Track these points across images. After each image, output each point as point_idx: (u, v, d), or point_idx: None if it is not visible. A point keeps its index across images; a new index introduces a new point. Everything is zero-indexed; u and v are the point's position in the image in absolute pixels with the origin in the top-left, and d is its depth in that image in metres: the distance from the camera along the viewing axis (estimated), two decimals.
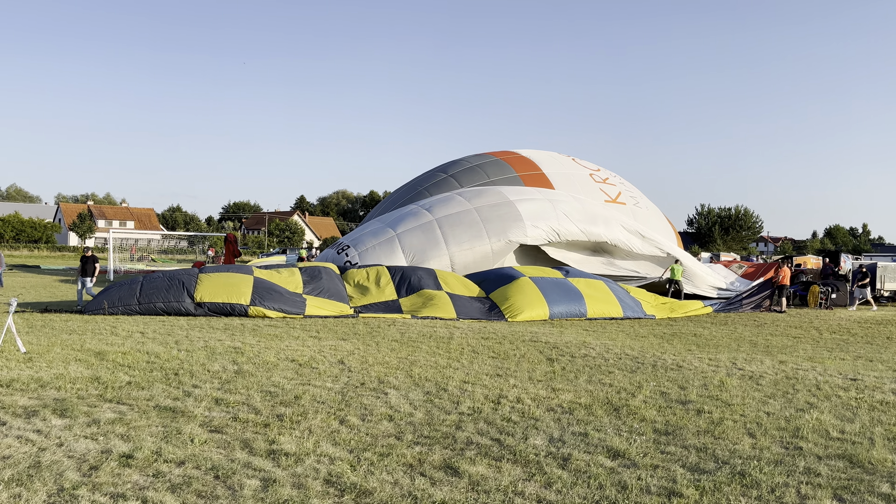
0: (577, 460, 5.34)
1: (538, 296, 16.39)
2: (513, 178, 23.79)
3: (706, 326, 15.76)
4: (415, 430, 6.08)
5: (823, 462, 5.47)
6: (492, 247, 19.67)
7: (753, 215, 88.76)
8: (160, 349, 9.87)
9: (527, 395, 7.60)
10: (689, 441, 5.97)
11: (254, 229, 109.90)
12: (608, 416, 6.78)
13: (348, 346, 10.77)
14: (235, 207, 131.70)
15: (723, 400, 7.61)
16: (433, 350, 10.71)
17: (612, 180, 25.79)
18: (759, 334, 14.50)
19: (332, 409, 6.68)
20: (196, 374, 8.21)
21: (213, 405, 6.70)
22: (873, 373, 9.71)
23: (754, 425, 6.54)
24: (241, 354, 9.66)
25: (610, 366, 9.74)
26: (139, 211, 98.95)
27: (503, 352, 10.75)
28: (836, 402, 7.70)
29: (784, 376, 9.21)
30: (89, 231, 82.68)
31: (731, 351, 11.80)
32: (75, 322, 12.95)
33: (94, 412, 6.24)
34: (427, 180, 24.96)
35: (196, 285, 14.69)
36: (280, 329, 12.66)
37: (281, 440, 5.59)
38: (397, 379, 8.32)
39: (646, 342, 12.67)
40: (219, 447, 5.38)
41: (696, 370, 9.52)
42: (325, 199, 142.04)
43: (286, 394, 7.28)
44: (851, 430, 6.47)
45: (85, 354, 9.27)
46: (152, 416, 6.21)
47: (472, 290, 17.09)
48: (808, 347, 12.62)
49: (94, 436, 5.52)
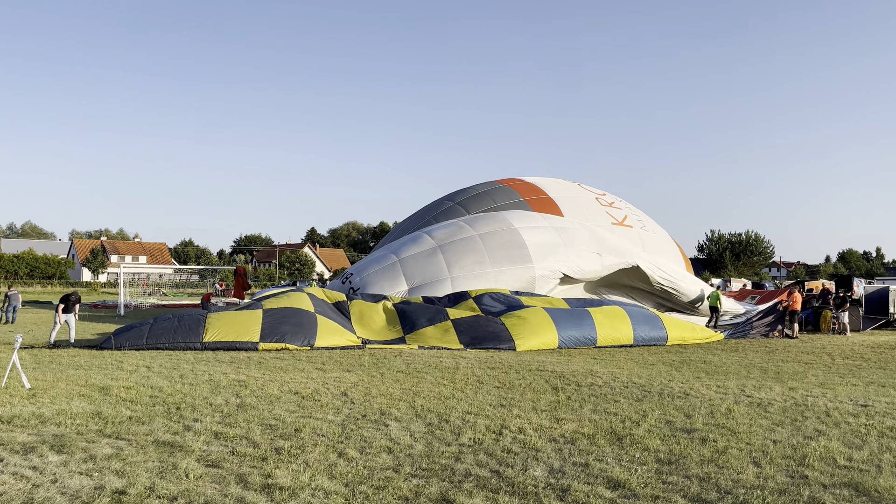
0: (577, 491, 5.25)
1: (548, 321, 16.29)
2: (520, 203, 23.87)
3: (716, 353, 15.58)
4: (413, 462, 6.01)
5: (829, 491, 5.35)
6: (496, 276, 19.62)
7: (765, 240, 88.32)
8: (164, 383, 9.86)
9: (529, 426, 7.51)
10: (692, 470, 5.86)
11: (265, 262, 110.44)
12: (611, 446, 6.68)
13: (352, 378, 10.72)
14: (247, 240, 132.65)
15: (729, 428, 7.49)
16: (438, 380, 10.64)
17: (618, 204, 25.82)
18: (769, 360, 14.31)
19: (332, 442, 6.62)
20: (198, 407, 8.18)
21: (213, 439, 6.67)
22: (885, 398, 9.54)
23: (760, 454, 6.42)
24: (244, 388, 9.64)
25: (616, 394, 9.63)
26: (151, 245, 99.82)
27: (509, 381, 10.66)
28: (845, 428, 7.56)
29: (793, 403, 9.06)
30: (102, 266, 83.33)
31: (741, 378, 11.64)
32: (83, 357, 12.99)
33: (91, 448, 6.22)
34: (435, 209, 25.12)
35: (205, 328, 14.70)
36: (286, 361, 12.63)
37: (277, 474, 5.54)
38: (399, 410, 8.26)
39: (654, 370, 12.53)
40: (213, 482, 5.33)
41: (704, 398, 9.39)
42: (336, 230, 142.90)
43: (286, 427, 7.23)
44: (859, 457, 6.34)
45: (89, 389, 9.27)
46: (150, 450, 6.18)
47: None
48: (819, 373, 12.44)
49: (89, 472, 5.50)
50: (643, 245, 23.53)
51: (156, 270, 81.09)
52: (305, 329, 14.88)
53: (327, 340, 14.79)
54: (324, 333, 14.92)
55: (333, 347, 14.66)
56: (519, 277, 19.74)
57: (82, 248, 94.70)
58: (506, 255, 19.91)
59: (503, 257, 19.87)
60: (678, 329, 17.75)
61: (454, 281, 19.30)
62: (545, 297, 18.50)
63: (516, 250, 20.07)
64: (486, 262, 19.72)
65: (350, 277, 20.47)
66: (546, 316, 16.47)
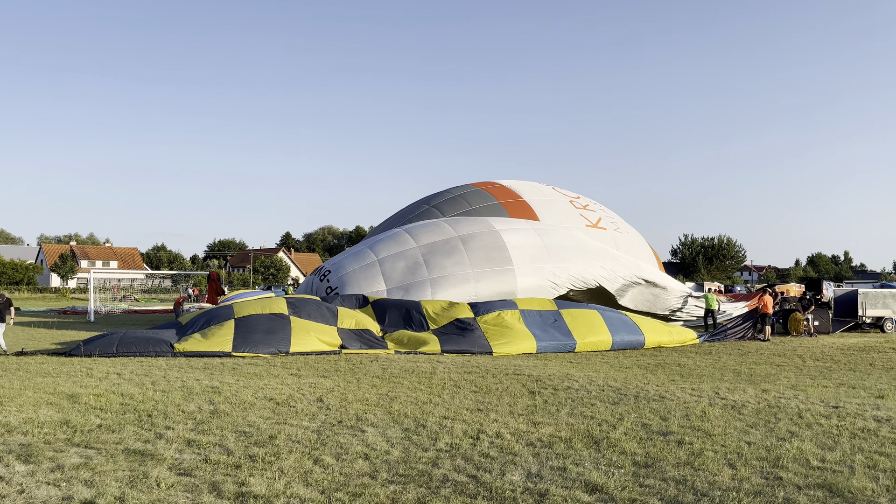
0: (554, 496, 5.24)
1: (524, 329, 16.32)
2: (494, 206, 23.93)
3: (690, 356, 15.72)
4: (390, 468, 5.96)
5: (803, 492, 5.40)
6: (475, 286, 19.53)
7: (737, 245, 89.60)
8: (135, 390, 9.68)
9: (507, 430, 7.49)
10: (668, 473, 5.88)
11: (239, 267, 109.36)
12: (588, 450, 6.68)
13: (328, 384, 10.62)
14: (220, 245, 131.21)
15: (704, 430, 7.54)
16: (415, 385, 10.58)
17: (593, 207, 26.05)
18: (742, 363, 14.47)
19: (307, 449, 6.54)
20: (170, 415, 8.03)
21: (185, 447, 6.55)
22: (855, 400, 9.69)
23: (735, 456, 6.47)
24: (218, 394, 9.49)
25: (592, 398, 9.65)
26: (123, 251, 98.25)
27: (486, 386, 10.63)
28: (817, 430, 7.65)
29: (766, 405, 9.16)
30: (71, 272, 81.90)
31: (715, 380, 11.75)
32: (51, 364, 12.71)
33: (59, 457, 6.06)
34: (410, 212, 25.08)
35: (178, 342, 14.49)
36: (260, 367, 12.48)
37: (251, 482, 5.44)
38: (376, 416, 8.19)
39: (629, 373, 12.60)
40: (186, 491, 5.23)
41: (679, 401, 9.45)
42: (311, 235, 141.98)
43: (261, 434, 7.13)
44: (832, 458, 6.41)
45: (57, 397, 9.06)
46: (120, 459, 6.04)
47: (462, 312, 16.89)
48: (791, 375, 12.60)
49: (56, 482, 5.35)
50: (616, 247, 23.70)
51: (127, 275, 79.88)
52: (278, 336, 14.72)
53: (302, 345, 14.64)
54: (298, 338, 14.75)
55: (309, 353, 14.52)
56: (501, 281, 19.72)
57: (51, 252, 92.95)
58: (486, 258, 19.85)
59: (484, 259, 19.81)
60: (655, 333, 17.90)
61: (433, 283, 19.22)
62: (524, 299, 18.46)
63: (497, 252, 20.04)
64: (466, 263, 19.67)
65: (327, 275, 20.29)
66: (522, 324, 16.50)
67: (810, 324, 21.98)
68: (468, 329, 16.15)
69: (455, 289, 19.17)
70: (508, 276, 19.75)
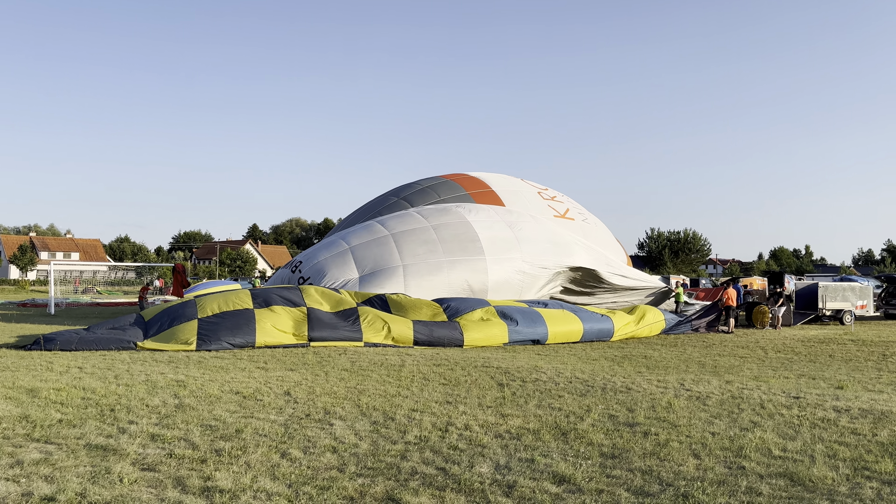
0: (522, 487, 5.26)
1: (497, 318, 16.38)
2: (463, 197, 24.03)
3: (656, 348, 15.93)
4: (358, 461, 5.93)
5: (765, 481, 5.50)
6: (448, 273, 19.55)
7: (702, 238, 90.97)
8: (98, 384, 9.49)
9: (475, 422, 7.51)
10: (634, 464, 5.95)
11: (205, 259, 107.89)
12: (556, 441, 6.73)
13: (296, 377, 10.53)
14: (186, 237, 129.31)
15: (670, 421, 7.64)
16: (383, 378, 10.55)
17: (560, 198, 26.30)
18: (707, 355, 14.71)
19: (274, 443, 6.47)
20: (134, 409, 7.89)
21: (149, 441, 6.43)
22: (815, 390, 9.91)
23: (699, 446, 6.57)
24: (183, 388, 9.35)
25: (560, 390, 9.72)
26: (84, 242, 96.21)
27: (454, 378, 10.65)
28: (779, 420, 7.80)
29: (730, 396, 9.32)
30: (31, 263, 79.97)
31: (680, 372, 11.92)
32: (9, 358, 12.40)
33: (18, 453, 5.91)
34: (379, 204, 25.03)
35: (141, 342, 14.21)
36: (226, 360, 12.33)
37: (217, 476, 5.37)
38: (344, 409, 8.15)
39: (597, 365, 12.73)
40: (150, 486, 5.14)
41: (645, 392, 9.57)
42: (279, 227, 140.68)
43: (227, 427, 7.04)
44: (793, 447, 6.55)
45: (16, 392, 8.84)
46: (81, 455, 5.91)
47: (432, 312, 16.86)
48: (753, 367, 12.84)
49: (15, 478, 5.22)
50: (585, 237, 23.96)
51: (89, 267, 78.30)
52: (243, 330, 14.50)
53: (268, 337, 14.45)
54: (263, 330, 14.54)
55: (276, 346, 14.36)
56: (473, 269, 19.78)
57: (9, 244, 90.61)
58: (459, 247, 19.88)
59: (457, 248, 19.84)
60: (622, 319, 18.18)
61: (406, 269, 19.15)
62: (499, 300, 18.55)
63: (469, 243, 20.09)
64: (438, 251, 19.68)
65: (299, 266, 20.15)
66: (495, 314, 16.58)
67: (778, 316, 22.42)
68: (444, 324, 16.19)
69: (430, 277, 19.18)
70: (480, 265, 19.84)
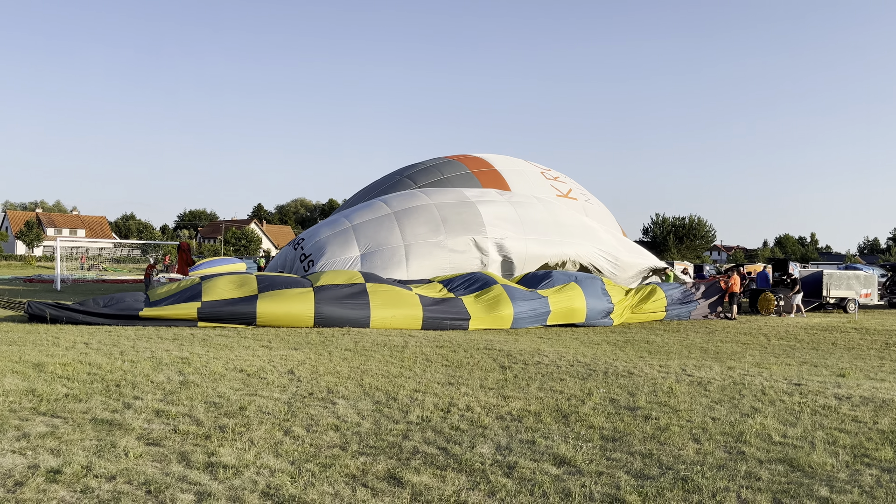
0: (523, 468, 5.31)
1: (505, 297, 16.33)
2: (467, 175, 24.06)
3: (659, 334, 15.96)
4: (360, 440, 5.98)
5: (765, 466, 5.54)
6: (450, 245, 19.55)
7: (707, 224, 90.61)
8: (103, 360, 9.56)
9: (477, 404, 7.55)
10: (635, 447, 5.99)
11: (210, 238, 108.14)
12: (557, 424, 6.77)
13: (299, 356, 10.59)
14: (191, 216, 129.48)
15: (671, 406, 7.68)
16: (386, 359, 10.61)
17: (563, 179, 26.35)
18: (709, 341, 14.74)
19: (277, 420, 6.53)
20: (139, 385, 7.96)
21: (154, 417, 6.50)
22: (817, 378, 9.93)
23: (700, 431, 6.61)
24: (188, 365, 9.42)
25: (562, 373, 9.76)
26: (90, 219, 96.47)
27: (457, 360, 10.70)
28: (780, 406, 7.83)
29: (731, 382, 9.35)
30: (37, 239, 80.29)
31: (682, 357, 11.95)
32: (16, 332, 12.49)
33: (25, 426, 5.98)
34: (383, 183, 25.21)
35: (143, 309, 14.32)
36: (231, 339, 12.40)
37: (221, 452, 5.43)
38: (347, 389, 8.20)
39: (599, 349, 12.76)
40: (154, 460, 5.20)
41: (647, 377, 9.61)
42: (283, 207, 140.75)
43: (231, 405, 7.10)
44: (793, 434, 6.58)
45: (22, 366, 8.91)
46: (87, 429, 5.98)
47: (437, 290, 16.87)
48: (755, 353, 12.87)
49: (22, 450, 5.29)
50: (587, 216, 23.98)
51: (95, 244, 78.53)
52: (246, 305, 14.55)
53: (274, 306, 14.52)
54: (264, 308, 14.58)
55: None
56: (475, 253, 19.79)
57: (16, 220, 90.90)
58: (462, 227, 19.85)
59: (459, 228, 19.82)
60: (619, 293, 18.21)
61: (408, 249, 19.16)
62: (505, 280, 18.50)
63: (472, 220, 20.07)
64: (441, 231, 19.68)
65: (301, 243, 20.23)
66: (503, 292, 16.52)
67: (797, 304, 22.37)
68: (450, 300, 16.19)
69: (431, 258, 19.19)
70: (483, 244, 19.85)
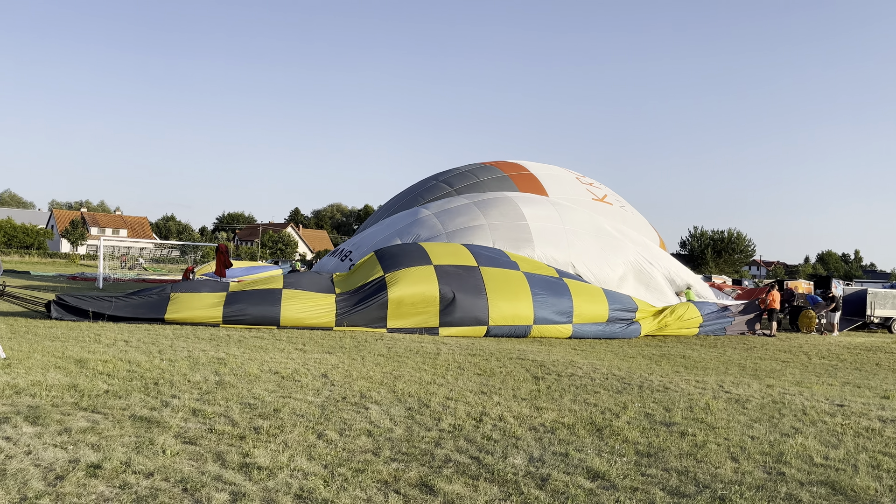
0: (556, 481, 5.25)
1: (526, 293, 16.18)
2: (502, 179, 24.04)
3: (695, 348, 15.69)
4: (393, 446, 5.98)
5: (805, 488, 5.39)
6: None
7: (746, 239, 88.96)
8: (142, 358, 9.75)
9: (510, 414, 7.50)
10: (670, 464, 5.88)
11: (247, 240, 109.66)
12: (590, 437, 6.69)
13: (333, 360, 10.66)
14: (229, 218, 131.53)
15: (707, 423, 7.53)
16: (419, 366, 10.61)
17: (597, 185, 26.21)
18: (747, 357, 14.44)
19: (311, 424, 6.57)
20: (176, 384, 8.09)
21: (190, 416, 6.59)
22: (860, 399, 9.65)
23: (738, 449, 6.46)
24: (223, 365, 9.54)
25: (596, 385, 9.65)
26: (132, 219, 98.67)
27: (489, 369, 10.65)
28: (821, 427, 7.63)
29: (770, 400, 9.14)
30: (81, 238, 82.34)
31: (719, 373, 11.73)
32: (59, 329, 12.81)
33: (66, 420, 6.12)
34: (420, 187, 25.50)
35: (167, 305, 14.58)
36: (266, 341, 12.55)
37: (255, 453, 5.48)
38: (380, 394, 8.22)
39: (634, 363, 12.60)
40: (191, 459, 5.27)
41: (683, 392, 9.44)
42: (320, 212, 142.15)
43: (265, 406, 7.17)
44: (836, 456, 6.40)
45: (65, 362, 9.13)
46: (126, 425, 6.09)
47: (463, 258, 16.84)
48: (796, 372, 12.57)
49: (63, 444, 5.40)
50: (624, 223, 23.70)
51: (136, 244, 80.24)
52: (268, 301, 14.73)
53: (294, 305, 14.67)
54: (287, 304, 14.75)
55: (299, 327, 14.51)
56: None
57: (62, 218, 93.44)
58: (513, 241, 19.69)
59: (510, 241, 19.65)
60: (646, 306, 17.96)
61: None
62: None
63: (519, 231, 19.93)
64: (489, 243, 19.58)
65: (350, 255, 20.44)
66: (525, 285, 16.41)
67: (834, 322, 21.84)
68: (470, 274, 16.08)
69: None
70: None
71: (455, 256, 16.73)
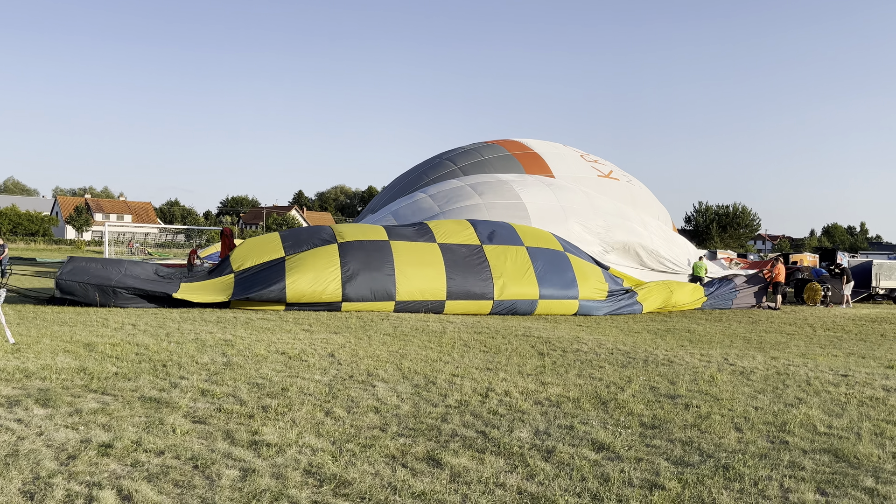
0: (562, 453, 5.31)
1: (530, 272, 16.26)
2: (507, 157, 24.02)
3: (700, 322, 15.73)
4: (400, 422, 6.05)
5: (809, 456, 5.44)
6: None
7: (751, 213, 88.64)
8: (150, 341, 9.83)
9: (515, 389, 7.56)
10: (675, 435, 5.94)
11: (251, 224, 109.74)
12: (595, 410, 6.75)
13: (339, 340, 10.73)
14: (233, 202, 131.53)
15: (712, 395, 7.58)
16: (425, 344, 10.68)
17: (602, 161, 26.13)
18: (752, 331, 14.48)
19: (319, 402, 6.64)
20: (184, 365, 8.16)
21: (199, 396, 6.67)
22: (864, 369, 9.69)
23: (742, 420, 6.51)
24: (231, 347, 9.62)
25: (601, 360, 9.71)
26: (137, 205, 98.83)
27: (495, 346, 10.71)
28: (825, 397, 7.67)
29: (775, 372, 9.18)
30: (86, 224, 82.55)
31: (724, 347, 11.77)
32: (67, 314, 12.90)
33: (77, 402, 6.20)
34: (424, 165, 25.58)
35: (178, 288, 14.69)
36: (272, 322, 12.62)
37: (264, 431, 5.55)
38: (386, 372, 8.29)
39: (639, 338, 12.65)
40: (200, 437, 5.34)
41: (688, 365, 9.49)
42: (324, 194, 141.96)
43: (273, 386, 7.24)
44: (839, 424, 6.44)
45: (74, 346, 9.22)
46: (136, 406, 6.17)
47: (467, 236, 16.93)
48: (801, 344, 12.60)
49: (74, 425, 5.48)
50: (633, 198, 23.67)
51: (141, 229, 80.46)
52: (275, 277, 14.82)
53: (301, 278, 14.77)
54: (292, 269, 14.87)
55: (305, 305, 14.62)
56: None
57: (66, 205, 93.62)
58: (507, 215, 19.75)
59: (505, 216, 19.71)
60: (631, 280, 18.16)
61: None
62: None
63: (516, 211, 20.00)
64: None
65: None
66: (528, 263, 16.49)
67: (846, 294, 21.88)
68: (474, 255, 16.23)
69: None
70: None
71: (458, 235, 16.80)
